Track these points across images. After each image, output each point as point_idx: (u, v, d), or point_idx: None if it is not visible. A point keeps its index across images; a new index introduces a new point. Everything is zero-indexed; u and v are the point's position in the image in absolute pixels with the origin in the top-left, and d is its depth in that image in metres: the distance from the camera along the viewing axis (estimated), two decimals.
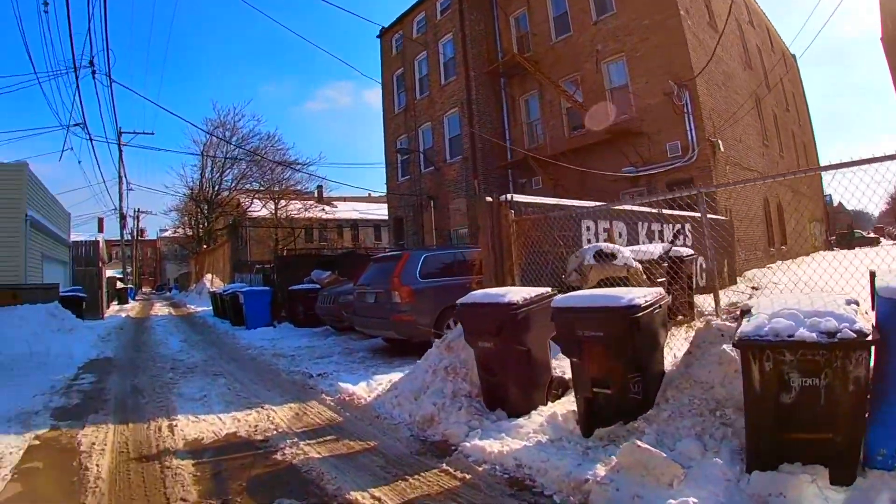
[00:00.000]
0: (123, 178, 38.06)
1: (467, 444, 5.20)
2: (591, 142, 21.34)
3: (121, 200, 37.22)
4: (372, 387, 7.73)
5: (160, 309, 31.92)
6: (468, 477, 4.68)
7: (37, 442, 6.23)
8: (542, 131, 24.40)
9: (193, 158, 44.35)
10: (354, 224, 53.60)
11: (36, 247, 17.04)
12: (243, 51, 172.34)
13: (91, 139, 19.53)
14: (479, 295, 6.17)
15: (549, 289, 6.30)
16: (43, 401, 8.24)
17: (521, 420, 5.55)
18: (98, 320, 22.75)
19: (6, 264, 15.68)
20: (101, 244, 29.48)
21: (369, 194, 59.98)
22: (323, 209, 48.59)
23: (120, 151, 35.20)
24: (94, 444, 6.06)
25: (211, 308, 25.75)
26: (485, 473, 4.74)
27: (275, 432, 6.25)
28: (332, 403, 7.46)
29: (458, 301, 6.23)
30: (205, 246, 44.12)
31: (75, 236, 27.46)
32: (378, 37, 31.64)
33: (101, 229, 63.80)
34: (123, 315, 26.07)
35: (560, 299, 5.33)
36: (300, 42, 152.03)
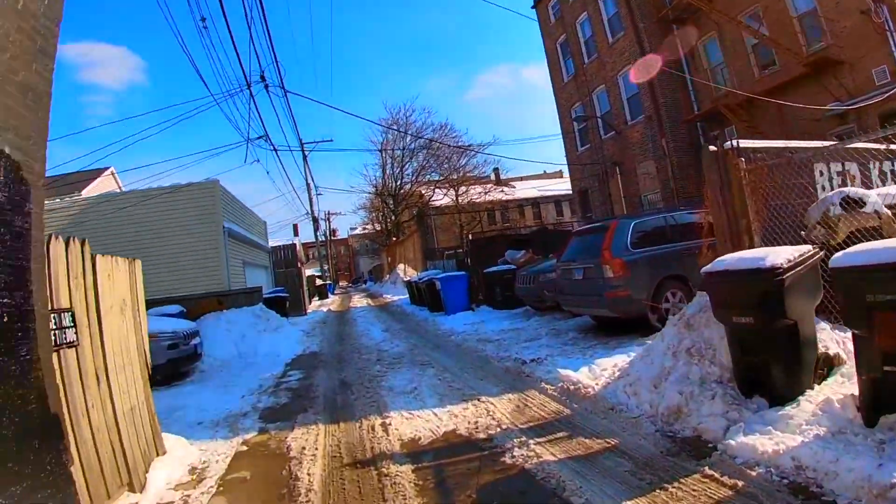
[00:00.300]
0: (311, 185, 39.81)
1: (731, 443, 4.23)
2: (786, 79, 18.59)
3: (311, 205, 39.01)
4: (596, 373, 6.84)
5: (358, 301, 33.13)
6: (741, 484, 3.77)
7: (244, 448, 6.05)
8: (728, 76, 21.39)
9: (374, 157, 45.65)
10: (535, 202, 52.70)
11: (236, 255, 18.00)
12: (399, 51, 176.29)
13: (276, 150, 20.13)
14: (730, 260, 5.05)
15: (809, 247, 5.16)
16: (251, 401, 8.25)
17: (787, 409, 4.50)
18: (301, 316, 23.66)
19: (210, 274, 16.54)
20: (297, 246, 30.91)
21: (544, 171, 59.16)
22: (502, 190, 48.28)
23: (305, 160, 36.73)
24: (304, 448, 5.77)
25: (407, 296, 25.99)
26: (759, 479, 3.80)
27: (498, 429, 5.60)
28: (554, 393, 6.68)
29: (704, 269, 5.18)
30: (394, 238, 45.31)
31: (273, 242, 29.05)
32: (533, 7, 30.20)
33: (296, 233, 67.76)
34: (325, 310, 27.12)
35: (843, 256, 4.15)
36: (453, 35, 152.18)
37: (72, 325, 3.96)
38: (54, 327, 3.73)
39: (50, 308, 3.66)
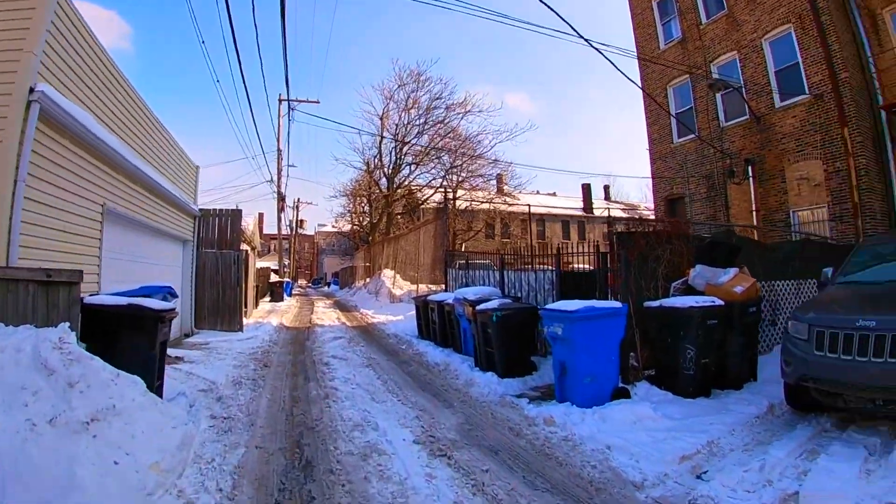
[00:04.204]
0: (282, 150, 28.98)
1: None
2: None
3: (279, 175, 27.89)
4: None
5: (325, 312, 22.10)
6: None
7: None
8: None
9: (369, 125, 34.79)
10: (541, 218, 42.86)
11: (78, 184, 6.85)
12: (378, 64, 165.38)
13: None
14: None
15: None
16: None
17: None
18: (233, 333, 13.11)
19: None
20: (245, 220, 20.05)
21: (536, 191, 50.07)
22: (504, 201, 38.01)
23: (281, 116, 26.16)
24: None
25: (402, 319, 16.11)
26: None
27: None
28: None
29: None
30: (378, 235, 34.56)
31: (205, 203, 17.77)
32: None
33: (260, 223, 56.28)
34: (275, 322, 16.29)
35: None
36: (433, 50, 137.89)
37: None
38: None
39: None
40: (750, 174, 15.62)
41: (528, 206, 32.63)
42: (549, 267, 10.59)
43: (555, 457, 4.88)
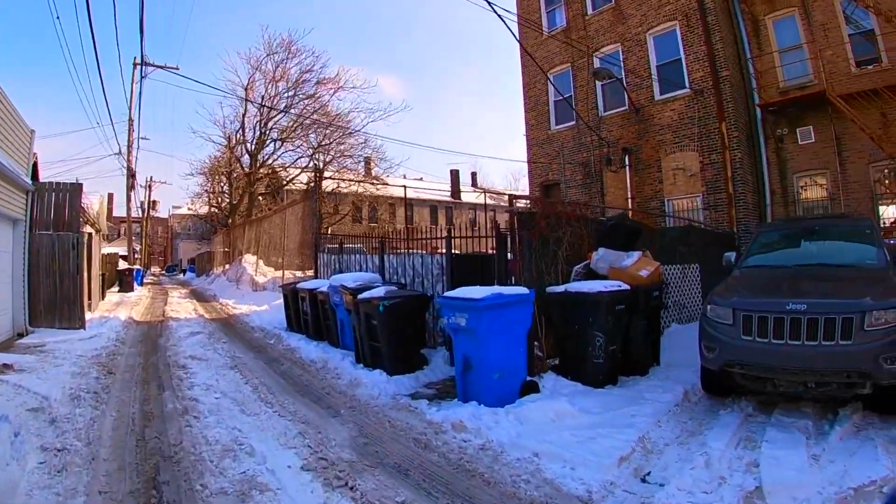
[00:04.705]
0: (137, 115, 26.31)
1: None
2: None
3: (129, 149, 25.24)
4: None
5: (179, 303, 20.20)
6: None
7: None
8: (811, 65, 14.09)
9: (232, 94, 31.98)
10: (410, 203, 42.10)
11: None
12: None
13: None
14: None
15: None
16: None
17: None
18: (75, 331, 11.36)
19: None
20: (95, 201, 17.86)
21: (404, 175, 49.58)
22: (372, 183, 36.83)
23: (135, 82, 23.62)
24: None
25: (268, 308, 14.90)
26: None
27: None
28: None
29: None
30: (239, 217, 32.15)
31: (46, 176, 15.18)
32: None
33: (110, 204, 51.49)
34: (123, 316, 14.40)
35: None
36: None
37: None
38: None
39: None
40: (627, 163, 15.96)
41: (405, 188, 31.89)
42: (423, 251, 9.86)
43: (478, 473, 4.13)
